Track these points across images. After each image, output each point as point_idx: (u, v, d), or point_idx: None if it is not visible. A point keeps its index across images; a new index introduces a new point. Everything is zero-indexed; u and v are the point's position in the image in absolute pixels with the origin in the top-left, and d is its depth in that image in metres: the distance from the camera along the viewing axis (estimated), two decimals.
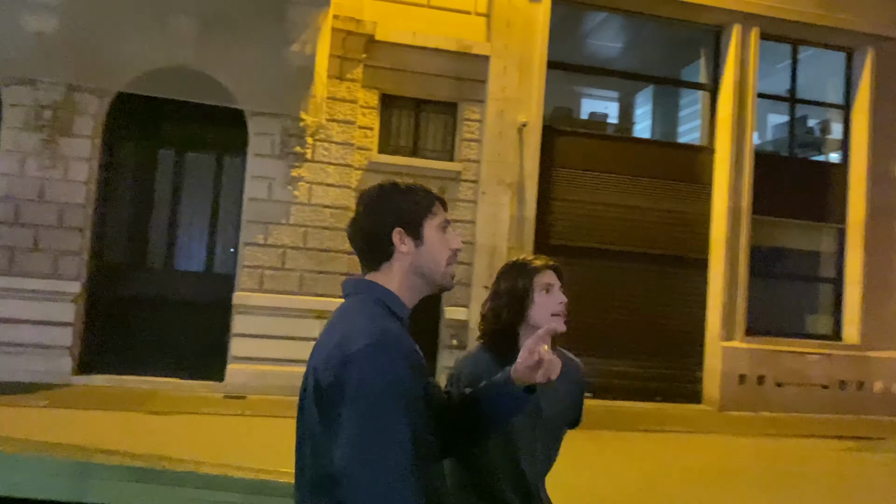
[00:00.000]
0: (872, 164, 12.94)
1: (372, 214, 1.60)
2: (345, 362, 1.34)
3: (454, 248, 1.62)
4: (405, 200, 1.60)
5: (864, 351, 12.69)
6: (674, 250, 12.49)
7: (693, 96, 13.79)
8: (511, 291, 2.27)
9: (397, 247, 1.56)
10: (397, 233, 1.56)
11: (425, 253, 1.58)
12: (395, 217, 1.57)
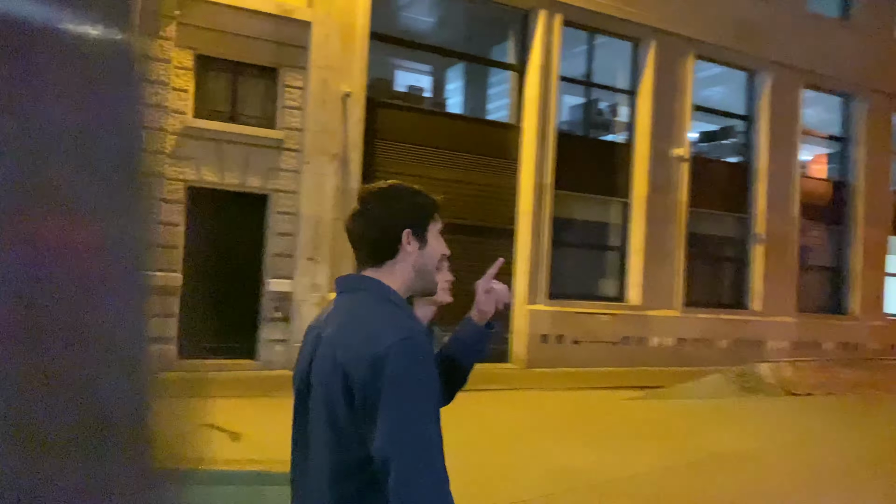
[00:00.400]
0: (654, 145, 14.59)
1: (384, 212, 1.63)
2: (381, 356, 1.42)
3: (445, 254, 1.73)
4: (415, 202, 1.66)
5: (644, 311, 14.42)
6: (485, 221, 13.22)
7: (502, 75, 14.57)
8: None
9: (404, 246, 1.62)
10: (406, 233, 1.62)
11: (426, 255, 1.66)
12: (407, 217, 1.63)
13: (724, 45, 15.43)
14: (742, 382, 11.68)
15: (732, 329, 15.44)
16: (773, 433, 8.66)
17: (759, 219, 16.02)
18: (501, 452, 7.10)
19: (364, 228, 1.64)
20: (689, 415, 9.68)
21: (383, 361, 1.41)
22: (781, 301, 16.17)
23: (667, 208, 14.76)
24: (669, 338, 14.58)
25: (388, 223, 1.62)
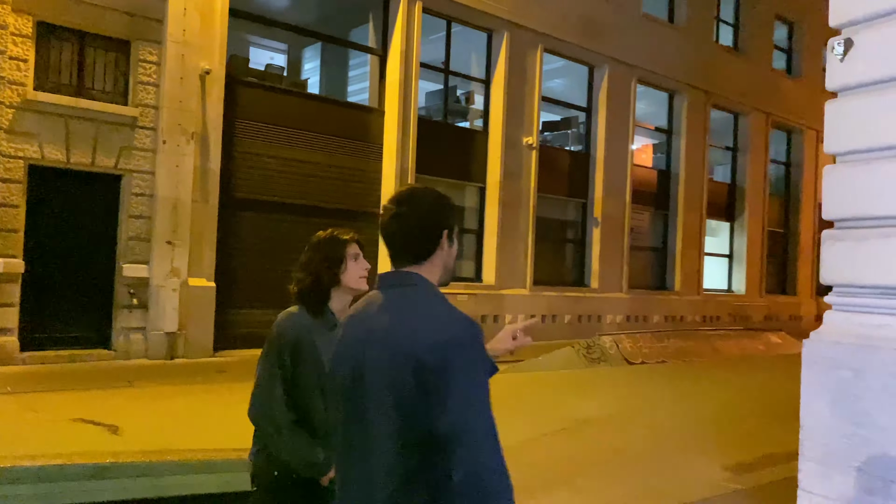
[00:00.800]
0: (506, 133, 15.31)
1: (426, 213, 1.79)
2: (452, 344, 1.61)
3: (455, 255, 1.93)
4: (449, 205, 1.84)
5: (498, 290, 15.18)
6: (348, 205, 13.29)
7: (363, 58, 14.61)
8: (327, 258, 2.67)
9: (442, 245, 1.80)
10: (445, 233, 1.80)
11: (452, 253, 1.85)
12: (446, 219, 1.82)
13: (569, 41, 16.45)
14: (589, 354, 12.71)
15: (574, 305, 16.65)
16: (624, 399, 9.57)
17: (597, 204, 17.32)
18: None
19: (407, 228, 1.78)
20: (549, 385, 10.44)
21: (457, 347, 1.61)
22: (615, 279, 17.65)
23: (518, 193, 15.58)
24: (521, 315, 15.45)
25: (430, 223, 1.79)
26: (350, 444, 1.75)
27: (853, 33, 3.64)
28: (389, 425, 1.65)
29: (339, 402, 1.78)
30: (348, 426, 1.75)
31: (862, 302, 3.55)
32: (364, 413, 1.70)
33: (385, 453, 1.65)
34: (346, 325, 1.85)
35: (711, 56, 20.18)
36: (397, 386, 1.63)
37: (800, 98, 23.05)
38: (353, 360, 1.74)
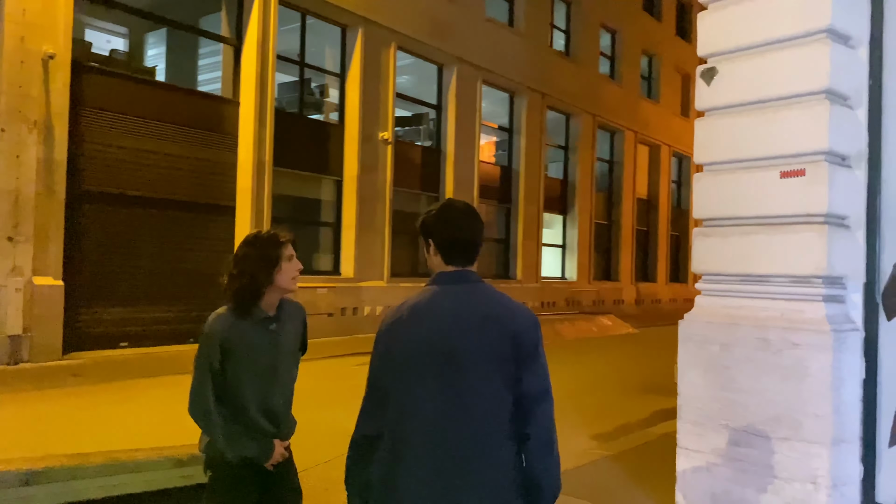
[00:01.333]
0: (362, 128, 15.54)
1: (482, 227, 2.24)
2: (537, 326, 2.07)
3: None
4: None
5: (356, 282, 15.42)
6: (203, 198, 12.93)
7: (215, 47, 14.19)
8: (264, 258, 2.82)
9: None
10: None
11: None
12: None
13: (420, 39, 16.97)
14: None
15: None
16: None
17: (447, 197, 18.01)
18: None
19: (479, 237, 2.19)
20: None
21: (538, 328, 2.07)
22: None
23: (375, 187, 15.88)
24: (379, 306, 15.80)
25: (483, 235, 2.24)
26: (438, 413, 2.01)
27: (717, 63, 4.37)
28: (485, 389, 1.99)
29: (420, 375, 2.03)
30: (437, 396, 2.01)
31: (727, 288, 4.29)
32: (460, 382, 2.00)
33: (483, 414, 1.99)
34: (421, 312, 2.09)
35: (547, 60, 21.61)
36: (500, 357, 2.00)
37: (621, 102, 25.28)
38: (444, 339, 2.03)
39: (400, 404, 2.05)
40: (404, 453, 2.03)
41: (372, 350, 2.14)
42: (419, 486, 1.99)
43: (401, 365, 2.05)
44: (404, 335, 2.07)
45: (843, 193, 3.93)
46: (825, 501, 3.74)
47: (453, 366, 2.01)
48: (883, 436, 3.92)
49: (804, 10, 3.96)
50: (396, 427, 2.05)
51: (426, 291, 2.14)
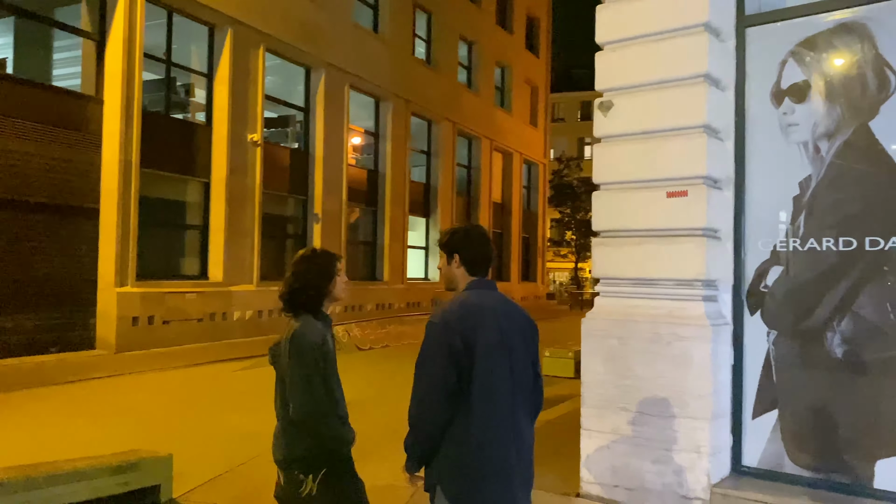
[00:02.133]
0: (231, 129, 15.31)
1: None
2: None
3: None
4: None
5: (226, 286, 15.17)
6: (63, 199, 12.27)
7: (73, 40, 13.45)
8: (324, 272, 3.16)
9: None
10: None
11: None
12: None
13: (289, 42, 16.95)
14: None
15: None
16: (376, 381, 10.58)
17: (317, 201, 18.12)
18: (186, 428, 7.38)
19: (493, 254, 2.82)
20: None
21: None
22: None
23: (244, 189, 15.69)
24: (249, 311, 15.63)
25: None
26: (506, 385, 2.63)
27: (613, 96, 5.07)
28: (528, 370, 2.72)
29: (496, 362, 2.60)
30: (507, 374, 2.63)
31: (623, 290, 5.00)
32: (515, 365, 2.65)
33: (525, 381, 2.70)
34: (482, 309, 2.64)
35: (410, 67, 22.22)
36: (529, 342, 2.72)
37: (478, 110, 26.44)
38: (499, 330, 2.62)
39: (482, 380, 2.56)
40: (483, 417, 2.57)
41: (431, 347, 2.59)
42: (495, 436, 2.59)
43: (483, 351, 2.56)
44: (482, 329, 2.58)
45: (716, 211, 4.75)
46: (706, 467, 4.52)
47: (511, 354, 2.64)
48: (747, 411, 4.78)
49: (686, 57, 4.74)
50: (478, 397, 2.57)
51: (477, 294, 2.69)
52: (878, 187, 4.34)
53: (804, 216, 4.60)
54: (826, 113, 4.53)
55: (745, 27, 4.87)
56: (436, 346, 2.57)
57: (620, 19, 5.03)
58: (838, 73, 4.52)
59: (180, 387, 10.52)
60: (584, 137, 56.36)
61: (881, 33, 4.36)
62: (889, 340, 4.26)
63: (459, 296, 2.69)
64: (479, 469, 2.56)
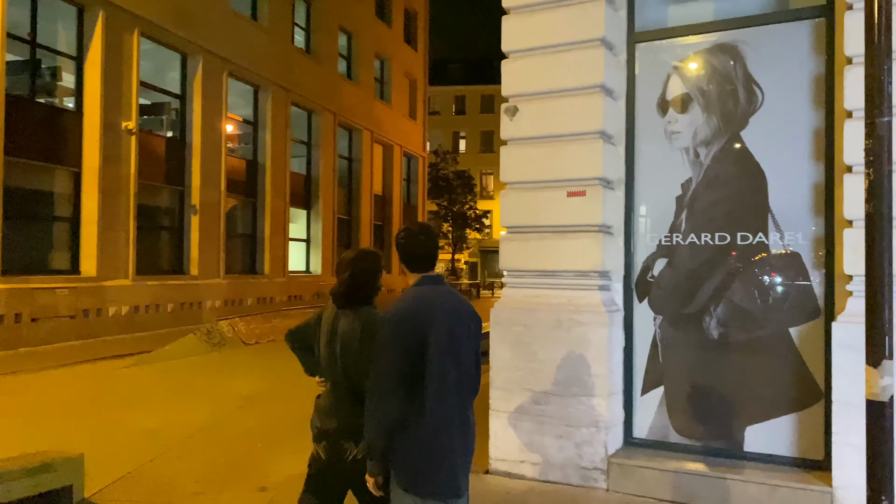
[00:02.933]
0: (104, 116, 14.56)
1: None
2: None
3: None
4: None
5: (99, 281, 14.45)
6: None
7: None
8: (377, 270, 3.46)
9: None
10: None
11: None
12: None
13: (165, 27, 16.30)
14: (210, 339, 13.23)
15: (176, 293, 16.71)
16: (266, 375, 10.51)
17: (194, 191, 17.56)
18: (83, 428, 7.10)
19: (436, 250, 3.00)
20: (194, 371, 10.81)
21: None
22: (213, 265, 18.18)
23: (118, 180, 14.98)
24: (125, 306, 14.97)
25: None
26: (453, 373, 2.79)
27: (518, 102, 5.46)
28: (474, 357, 2.91)
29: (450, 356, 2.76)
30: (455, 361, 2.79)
31: (527, 281, 5.41)
32: (464, 357, 2.84)
33: (470, 369, 2.88)
34: (432, 304, 2.82)
35: (290, 56, 21.91)
36: (473, 333, 2.92)
37: (358, 101, 26.45)
38: (447, 323, 2.78)
39: (433, 373, 2.71)
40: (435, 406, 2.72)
41: (387, 340, 2.73)
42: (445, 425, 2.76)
43: (434, 345, 2.71)
44: (432, 323, 2.74)
45: (610, 209, 5.25)
46: (604, 439, 5.02)
47: (459, 345, 2.81)
48: (637, 388, 5.34)
49: (584, 68, 5.19)
50: (430, 389, 2.71)
51: (427, 290, 2.87)
52: (747, 189, 4.98)
53: (685, 214, 5.19)
54: (704, 122, 5.13)
55: (634, 43, 5.40)
56: (390, 341, 2.72)
57: (525, 30, 5.42)
58: (715, 87, 5.12)
59: (62, 387, 10.00)
60: (458, 131, 57.58)
61: (750, 54, 5.00)
62: (756, 323, 4.92)
63: (410, 291, 2.86)
64: (429, 456, 2.73)
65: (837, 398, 4.24)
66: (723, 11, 5.22)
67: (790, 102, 4.85)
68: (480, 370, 3.01)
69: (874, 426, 2.45)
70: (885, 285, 2.39)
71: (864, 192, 2.49)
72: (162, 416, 7.73)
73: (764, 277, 4.92)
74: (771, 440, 4.83)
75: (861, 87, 4.11)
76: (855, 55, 4.29)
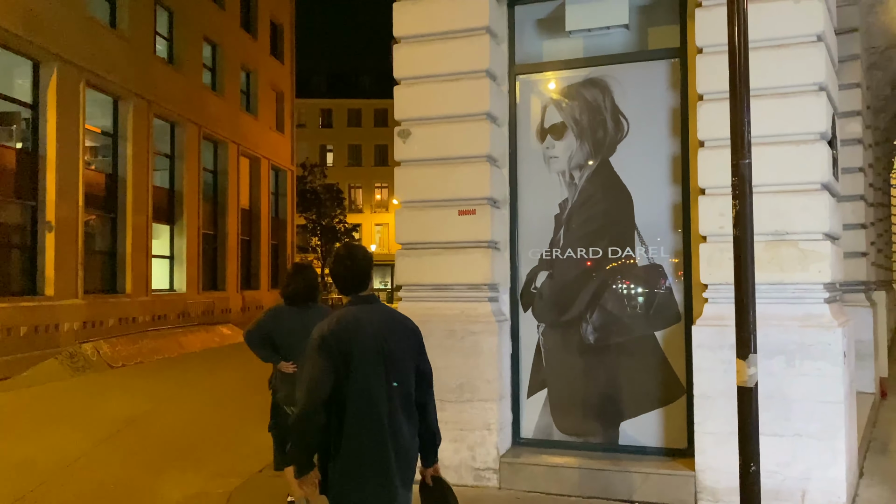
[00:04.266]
0: None
1: (370, 261, 3.12)
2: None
3: None
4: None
5: None
6: None
7: None
8: (317, 277, 4.38)
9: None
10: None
11: None
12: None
13: (14, 32, 15.28)
14: (73, 363, 12.53)
15: (29, 315, 15.58)
16: (145, 397, 10.13)
17: (49, 207, 16.48)
18: None
19: (366, 269, 3.11)
20: (60, 397, 10.23)
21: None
22: (70, 285, 17.09)
23: None
24: None
25: (371, 267, 3.15)
26: (382, 391, 2.92)
27: (410, 126, 5.78)
28: (409, 374, 3.03)
29: (372, 367, 2.90)
30: (381, 379, 2.92)
31: (422, 294, 5.72)
32: (392, 370, 2.95)
33: (405, 385, 3.00)
34: (362, 323, 2.95)
35: (152, 66, 21.07)
36: (412, 351, 3.07)
37: (224, 114, 25.82)
38: (374, 339, 2.93)
39: (359, 387, 2.87)
40: (360, 420, 2.87)
41: (310, 359, 2.88)
42: (371, 437, 2.87)
43: (358, 361, 2.88)
44: (357, 340, 2.90)
45: (497, 226, 5.68)
46: (495, 441, 5.41)
47: (388, 360, 2.96)
48: (523, 391, 5.79)
49: (471, 97, 5.61)
50: (355, 403, 2.87)
51: (356, 309, 3.02)
52: (616, 208, 5.58)
53: (563, 230, 5.72)
54: (578, 148, 5.69)
55: (515, 75, 5.89)
56: (315, 358, 2.87)
57: (415, 59, 5.77)
58: (586, 117, 5.70)
59: None
60: (325, 144, 57.21)
61: (616, 88, 5.61)
62: (626, 328, 5.51)
63: (338, 311, 3.03)
64: (357, 469, 2.87)
65: (698, 392, 4.86)
66: (592, 49, 5.80)
67: (652, 131, 5.50)
68: (429, 382, 3.13)
69: (744, 407, 2.97)
70: (749, 294, 2.92)
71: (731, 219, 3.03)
72: (33, 444, 7.34)
73: (632, 287, 5.52)
74: (642, 433, 5.42)
75: (711, 120, 4.82)
76: (705, 92, 4.97)
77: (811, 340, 4.54)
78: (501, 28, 5.83)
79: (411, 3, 5.80)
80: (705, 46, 4.97)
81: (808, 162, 4.68)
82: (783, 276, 4.67)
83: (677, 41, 5.42)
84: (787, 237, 4.67)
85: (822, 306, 4.66)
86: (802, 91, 4.71)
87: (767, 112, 4.62)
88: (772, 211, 4.66)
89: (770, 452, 4.35)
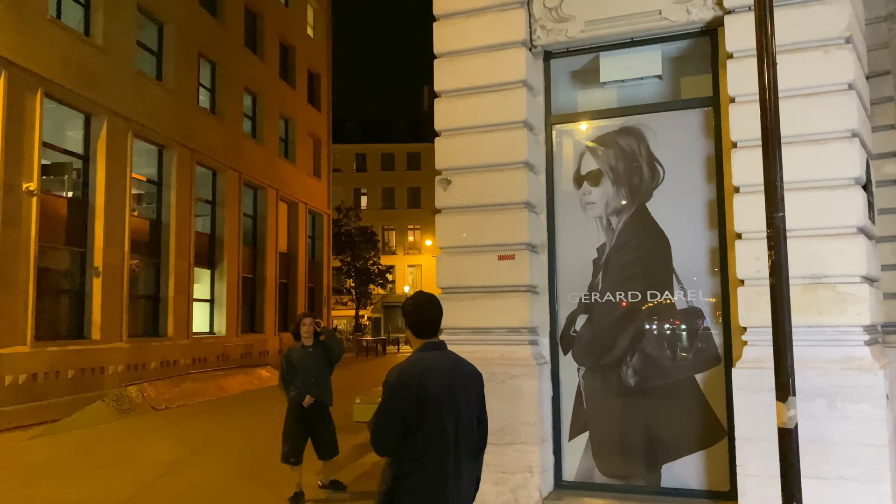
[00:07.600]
0: (5, 177, 14.08)
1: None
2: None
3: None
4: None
5: None
6: None
7: None
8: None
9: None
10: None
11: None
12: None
13: (68, 87, 16.07)
14: (119, 406, 12.82)
15: (77, 359, 16.05)
16: (185, 440, 10.34)
17: (97, 253, 17.07)
18: None
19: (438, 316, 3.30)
20: (106, 439, 10.47)
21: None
22: (115, 329, 17.58)
23: (17, 242, 14.43)
24: (22, 374, 14.27)
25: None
26: (455, 438, 3.08)
27: (450, 175, 6.00)
28: (473, 419, 3.21)
29: (445, 413, 3.06)
30: (453, 423, 3.08)
31: (462, 337, 5.85)
32: (461, 415, 3.13)
33: (469, 426, 3.17)
34: (435, 370, 3.12)
35: (195, 117, 21.88)
36: (472, 393, 3.23)
37: (263, 160, 26.56)
38: (445, 385, 3.10)
39: (433, 431, 3.03)
40: (434, 462, 3.04)
41: (389, 396, 3.07)
42: (434, 482, 3.05)
43: (433, 407, 3.04)
44: (430, 387, 3.06)
45: (536, 271, 5.82)
46: (538, 483, 5.47)
47: (456, 404, 3.13)
48: (565, 434, 5.85)
49: (509, 147, 5.81)
50: (428, 445, 3.03)
51: (429, 356, 3.19)
52: (653, 252, 5.69)
53: (601, 275, 5.84)
54: (615, 194, 5.84)
55: (551, 125, 6.09)
56: (390, 401, 3.06)
57: (456, 112, 6.01)
58: (622, 164, 5.86)
59: None
60: (359, 188, 58.12)
61: (651, 136, 5.77)
62: (666, 370, 5.57)
63: (412, 356, 3.20)
64: (420, 498, 3.04)
65: (739, 434, 4.89)
66: (625, 98, 6.00)
67: (687, 177, 5.63)
68: (485, 429, 3.33)
69: (785, 449, 3.05)
70: (786, 339, 3.02)
71: (767, 268, 3.16)
72: (84, 487, 7.56)
73: (671, 330, 5.59)
74: (685, 476, 5.44)
75: (746, 167, 4.94)
76: (739, 140, 5.10)
77: (852, 383, 4.57)
78: (538, 81, 6.06)
79: (451, 59, 6.07)
80: (738, 96, 5.12)
81: (842, 206, 4.76)
82: (821, 318, 4.72)
83: (710, 90, 5.58)
84: (824, 280, 4.73)
85: (863, 349, 4.68)
86: (835, 138, 4.82)
87: (802, 159, 4.74)
88: (809, 255, 4.74)
89: (813, 496, 4.36)
